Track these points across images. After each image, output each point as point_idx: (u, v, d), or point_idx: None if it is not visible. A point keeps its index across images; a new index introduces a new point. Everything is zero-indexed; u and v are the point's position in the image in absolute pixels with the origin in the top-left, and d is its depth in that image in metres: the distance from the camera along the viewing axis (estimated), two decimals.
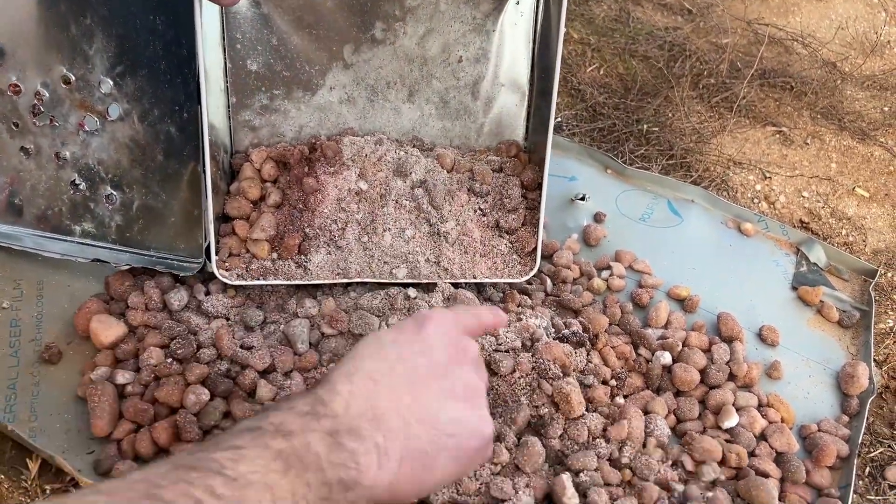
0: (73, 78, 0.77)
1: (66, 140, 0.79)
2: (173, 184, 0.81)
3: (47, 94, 0.77)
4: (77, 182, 0.81)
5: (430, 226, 0.85)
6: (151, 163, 0.80)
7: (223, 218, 0.84)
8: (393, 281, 0.82)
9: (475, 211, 0.87)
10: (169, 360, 0.74)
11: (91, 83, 0.77)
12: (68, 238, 0.83)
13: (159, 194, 0.81)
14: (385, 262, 0.82)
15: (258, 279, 0.80)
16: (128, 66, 0.77)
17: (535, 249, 0.86)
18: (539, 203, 0.86)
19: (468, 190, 0.88)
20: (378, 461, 0.47)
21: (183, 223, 0.82)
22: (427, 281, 0.83)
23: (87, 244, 0.83)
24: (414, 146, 0.91)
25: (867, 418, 0.86)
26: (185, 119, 0.78)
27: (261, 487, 0.42)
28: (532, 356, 0.77)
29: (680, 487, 0.73)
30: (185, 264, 0.82)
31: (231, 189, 0.85)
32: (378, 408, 0.49)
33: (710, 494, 0.73)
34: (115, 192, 0.81)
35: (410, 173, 0.85)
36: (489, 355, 0.76)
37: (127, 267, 0.82)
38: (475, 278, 0.84)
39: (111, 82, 0.77)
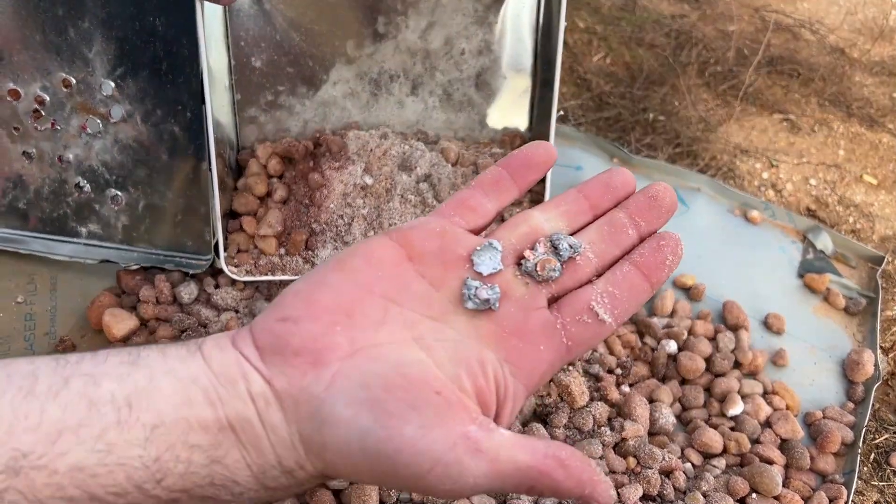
0: (74, 81, 0.77)
1: (68, 143, 0.79)
2: (179, 182, 0.81)
3: (48, 98, 0.77)
4: (81, 184, 0.81)
5: None
6: (156, 162, 0.80)
7: (231, 214, 0.84)
8: None
9: None
10: None
11: (92, 86, 0.77)
12: (75, 240, 0.83)
13: (165, 193, 0.81)
14: None
15: (266, 275, 0.81)
16: (128, 68, 0.76)
17: None
18: (542, 195, 0.86)
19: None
20: None
21: (190, 221, 0.82)
22: None
23: (94, 245, 0.84)
24: (419, 139, 0.91)
25: (872, 405, 0.87)
26: (189, 118, 0.78)
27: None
28: None
29: (684, 476, 0.74)
30: (193, 262, 0.83)
31: (238, 185, 0.86)
32: None
33: (713, 482, 0.74)
34: (119, 194, 0.82)
35: (415, 167, 0.86)
36: None
37: (136, 266, 0.83)
38: None
39: (112, 84, 0.77)
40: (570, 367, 0.77)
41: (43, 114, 0.78)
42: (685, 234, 1.03)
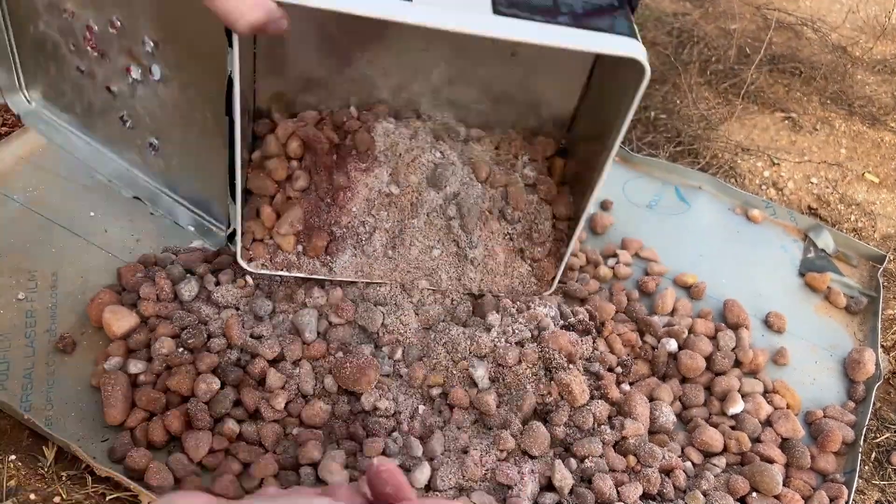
0: (120, 24, 0.76)
1: (115, 77, 0.80)
2: (211, 155, 0.78)
3: (97, 30, 0.77)
4: (125, 119, 0.83)
5: (458, 248, 0.84)
6: (190, 133, 0.79)
7: (245, 191, 0.81)
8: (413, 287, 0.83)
9: (504, 236, 0.86)
10: (180, 349, 0.75)
11: (136, 36, 0.75)
12: (119, 159, 0.86)
13: (196, 159, 0.81)
14: (408, 272, 0.82)
15: (282, 270, 0.81)
16: (169, 35, 0.74)
17: (554, 278, 0.85)
18: (568, 237, 0.84)
19: (499, 214, 0.85)
20: None
21: (219, 189, 0.80)
22: (445, 289, 0.83)
23: (132, 173, 0.86)
24: (450, 136, 0.88)
25: (873, 404, 0.87)
26: (222, 104, 0.72)
27: None
28: (538, 346, 0.78)
29: (684, 475, 0.74)
30: (215, 229, 0.84)
31: (253, 158, 0.83)
32: None
33: (713, 480, 0.74)
34: (157, 142, 0.82)
35: (445, 186, 0.83)
36: (496, 346, 0.77)
37: (159, 213, 0.84)
38: (491, 293, 0.84)
39: (152, 43, 0.75)
40: (571, 366, 0.77)
41: (93, 41, 0.78)
42: (686, 232, 1.04)
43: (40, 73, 0.87)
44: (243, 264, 0.79)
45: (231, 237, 0.79)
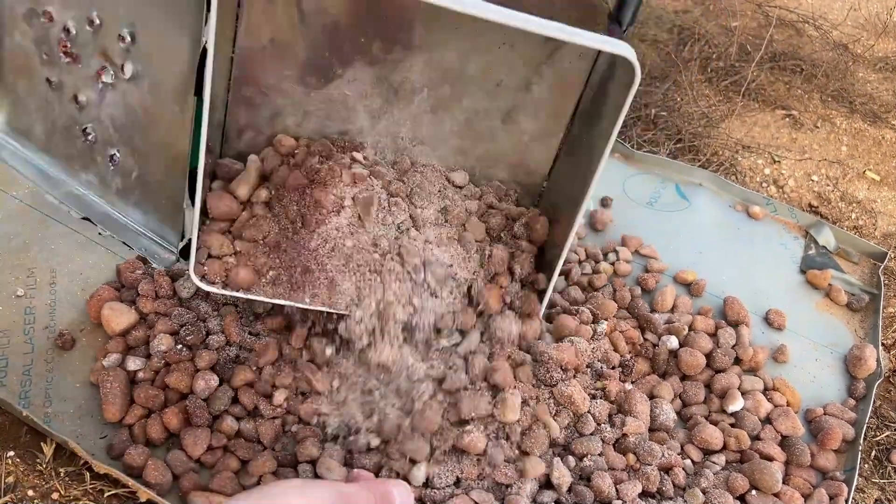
0: (98, 21, 0.77)
1: (84, 84, 0.81)
2: (168, 165, 0.79)
3: (74, 32, 0.78)
4: (88, 131, 0.83)
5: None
6: (153, 136, 0.79)
7: (203, 212, 0.76)
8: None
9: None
10: (179, 346, 0.75)
11: (113, 31, 0.76)
12: (72, 182, 0.86)
13: (156, 172, 0.80)
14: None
15: (237, 292, 0.74)
16: (145, 24, 0.74)
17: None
18: (546, 287, 0.80)
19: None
20: None
21: (174, 207, 0.80)
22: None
23: (87, 196, 0.86)
24: (424, 177, 0.83)
25: (874, 402, 0.86)
26: (189, 102, 0.74)
27: None
28: (534, 364, 0.77)
29: (683, 473, 0.74)
30: (162, 255, 0.83)
31: (213, 187, 0.79)
32: None
33: (713, 478, 0.74)
34: (118, 154, 0.82)
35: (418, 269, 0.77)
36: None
37: (107, 234, 0.84)
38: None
39: (129, 37, 0.75)
40: (572, 379, 0.77)
41: (68, 45, 0.79)
42: (686, 229, 1.04)
43: (7, 95, 0.87)
44: (195, 280, 0.72)
45: (185, 251, 0.75)
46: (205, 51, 0.63)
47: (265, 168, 0.79)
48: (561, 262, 0.76)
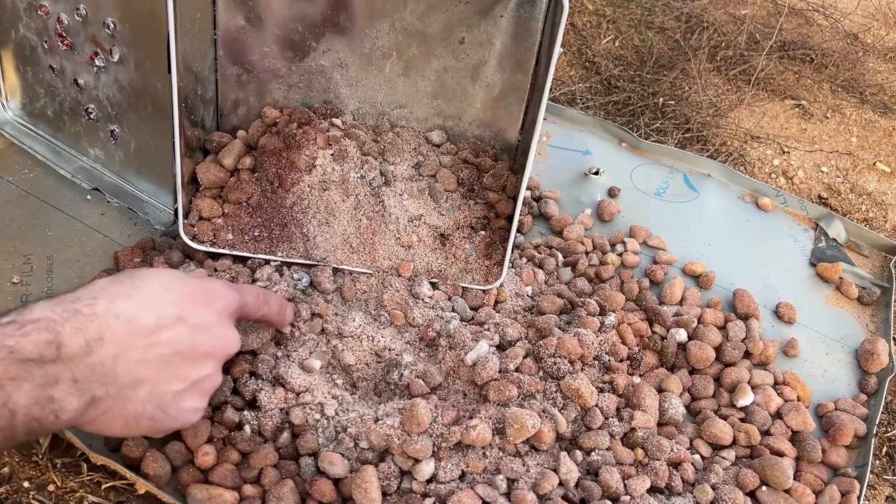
0: (85, 12, 0.82)
1: (82, 69, 0.87)
2: (161, 136, 0.84)
3: (67, 22, 0.84)
4: (90, 111, 0.89)
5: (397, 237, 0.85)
6: (143, 111, 0.85)
7: (193, 179, 0.84)
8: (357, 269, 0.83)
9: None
10: None
11: (99, 21, 0.82)
12: (82, 158, 0.93)
13: (149, 143, 0.87)
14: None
15: (224, 248, 0.82)
16: (126, 14, 0.80)
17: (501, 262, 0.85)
18: (509, 234, 0.84)
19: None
20: (84, 406, 0.49)
21: (165, 176, 0.86)
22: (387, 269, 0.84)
23: (96, 170, 0.92)
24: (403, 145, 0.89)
25: (885, 397, 0.85)
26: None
27: None
28: (538, 355, 0.76)
29: (692, 468, 0.73)
30: (162, 217, 0.88)
31: (206, 158, 0.86)
32: (119, 364, 0.50)
33: (722, 474, 0.72)
34: (118, 129, 0.88)
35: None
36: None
37: (116, 203, 0.89)
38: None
39: (113, 25, 0.81)
40: (579, 371, 0.75)
41: (64, 35, 0.85)
42: (695, 220, 1.02)
43: (19, 81, 0.94)
44: (186, 240, 0.80)
45: (178, 213, 0.82)
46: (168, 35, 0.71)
47: (252, 138, 0.86)
48: (517, 213, 0.81)
